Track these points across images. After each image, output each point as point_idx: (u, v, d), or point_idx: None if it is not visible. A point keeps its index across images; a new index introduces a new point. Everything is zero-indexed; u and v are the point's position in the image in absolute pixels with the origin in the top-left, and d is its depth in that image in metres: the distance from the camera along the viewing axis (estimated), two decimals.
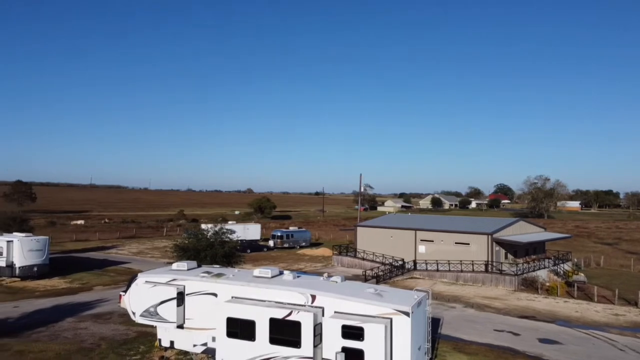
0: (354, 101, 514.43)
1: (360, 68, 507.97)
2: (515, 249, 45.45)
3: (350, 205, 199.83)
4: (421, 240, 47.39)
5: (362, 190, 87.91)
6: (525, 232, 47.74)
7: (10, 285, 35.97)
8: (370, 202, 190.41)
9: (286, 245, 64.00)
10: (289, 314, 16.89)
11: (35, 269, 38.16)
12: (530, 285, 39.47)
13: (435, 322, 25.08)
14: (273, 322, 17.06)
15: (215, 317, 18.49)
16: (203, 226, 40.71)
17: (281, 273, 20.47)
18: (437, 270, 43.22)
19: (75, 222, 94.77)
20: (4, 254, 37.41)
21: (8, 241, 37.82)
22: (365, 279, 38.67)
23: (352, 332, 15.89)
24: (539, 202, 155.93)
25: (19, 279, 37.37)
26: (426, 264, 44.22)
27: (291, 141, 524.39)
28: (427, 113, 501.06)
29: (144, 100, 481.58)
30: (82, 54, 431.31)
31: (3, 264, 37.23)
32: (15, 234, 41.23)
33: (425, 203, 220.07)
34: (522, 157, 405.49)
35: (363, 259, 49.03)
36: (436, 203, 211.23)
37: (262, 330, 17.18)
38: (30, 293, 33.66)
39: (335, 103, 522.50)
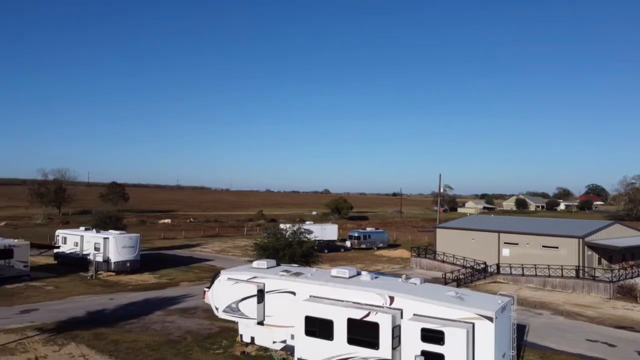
0: (433, 100, 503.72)
1: (437, 66, 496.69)
2: (610, 254, 42.27)
3: (429, 207, 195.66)
4: (505, 243, 45.37)
5: (441, 190, 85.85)
6: (621, 236, 44.28)
7: (107, 279, 38.67)
8: (450, 203, 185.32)
9: (363, 246, 63.80)
10: (367, 315, 16.77)
11: (128, 264, 40.76)
12: (627, 294, 36.51)
13: (520, 329, 23.91)
14: (351, 322, 17.02)
15: (293, 315, 18.76)
16: (282, 226, 41.54)
17: (359, 273, 20.39)
18: (523, 274, 41.16)
19: (163, 221, 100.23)
20: (101, 250, 40.33)
21: (105, 238, 40.77)
22: (445, 281, 37.64)
23: (432, 336, 15.47)
24: (637, 204, 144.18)
25: (114, 273, 40.08)
26: (510, 268, 42.28)
27: (368, 141, 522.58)
28: (510, 111, 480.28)
29: (223, 104, 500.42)
30: (165, 56, 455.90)
31: (100, 259, 40.14)
32: (110, 231, 44.33)
33: (509, 204, 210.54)
34: (617, 155, 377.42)
35: (443, 261, 47.77)
36: (521, 204, 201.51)
37: (340, 330, 17.19)
38: (124, 287, 35.99)
39: (413, 101, 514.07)
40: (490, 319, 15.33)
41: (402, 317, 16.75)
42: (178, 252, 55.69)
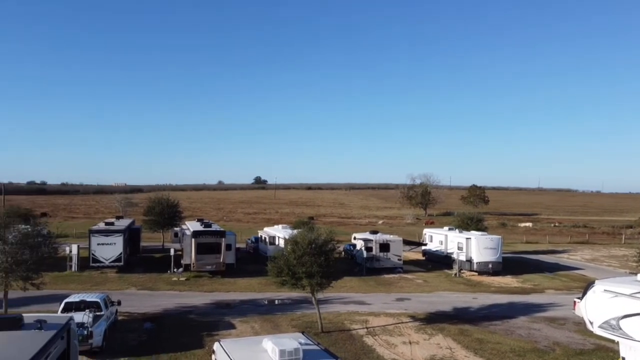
0: None
1: None
2: None
3: None
4: None
5: None
6: None
7: (469, 278, 39.64)
8: None
9: None
10: None
11: (490, 265, 40.75)
12: None
13: None
14: None
15: None
16: None
17: None
18: None
19: (524, 224, 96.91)
20: (464, 249, 41.69)
21: (467, 238, 41.98)
22: None
23: None
24: None
25: (476, 273, 40.77)
26: None
27: None
28: None
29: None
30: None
31: (463, 258, 41.51)
32: (472, 232, 45.39)
33: None
34: None
35: None
36: None
37: None
38: (486, 287, 36.10)
39: None
40: None
41: None
42: (542, 258, 52.54)
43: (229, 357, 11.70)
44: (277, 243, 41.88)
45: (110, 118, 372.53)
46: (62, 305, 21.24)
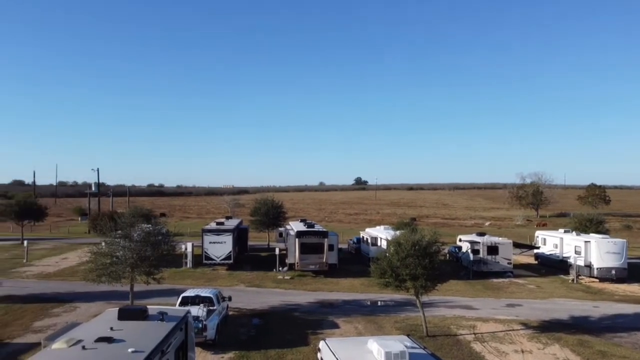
0: None
1: None
2: None
3: None
4: None
5: None
6: None
7: (589, 285, 36.55)
8: None
9: None
10: None
11: (613, 271, 37.24)
12: None
13: None
14: None
15: None
16: None
17: None
18: None
19: None
20: (582, 254, 38.53)
21: (586, 241, 38.76)
22: None
23: None
24: None
25: (596, 280, 37.51)
26: None
27: None
28: None
29: None
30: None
31: (581, 263, 38.38)
32: (591, 235, 41.82)
33: None
34: None
35: None
36: None
37: None
38: (609, 296, 33.05)
39: None
40: None
41: None
42: None
43: (334, 356, 11.79)
44: (379, 244, 41.63)
45: (212, 129, 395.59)
46: (180, 299, 22.79)
